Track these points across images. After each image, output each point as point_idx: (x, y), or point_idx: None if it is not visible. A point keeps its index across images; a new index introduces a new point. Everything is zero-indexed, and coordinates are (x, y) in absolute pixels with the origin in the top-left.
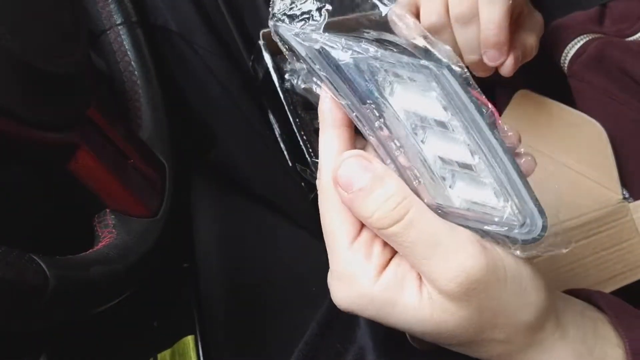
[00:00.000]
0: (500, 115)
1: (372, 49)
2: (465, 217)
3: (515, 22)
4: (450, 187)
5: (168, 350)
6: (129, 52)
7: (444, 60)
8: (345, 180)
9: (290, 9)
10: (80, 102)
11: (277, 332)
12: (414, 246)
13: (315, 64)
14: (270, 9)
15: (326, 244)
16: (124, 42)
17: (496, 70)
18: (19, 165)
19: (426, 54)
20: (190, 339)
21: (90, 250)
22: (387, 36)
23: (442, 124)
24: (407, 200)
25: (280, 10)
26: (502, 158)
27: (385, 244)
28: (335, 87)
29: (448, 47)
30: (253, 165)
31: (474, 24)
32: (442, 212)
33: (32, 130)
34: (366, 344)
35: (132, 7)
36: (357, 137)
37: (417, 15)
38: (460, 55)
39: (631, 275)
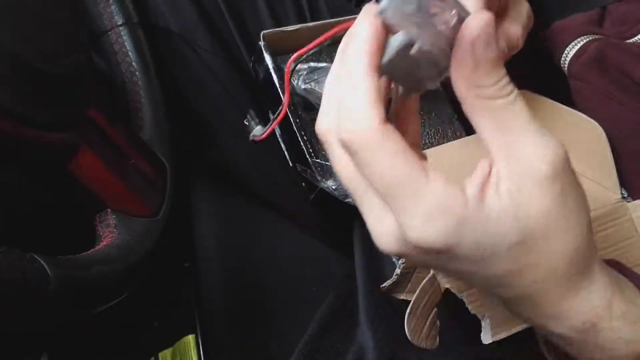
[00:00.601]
0: None
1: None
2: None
3: (498, 14)
4: None
5: (169, 350)
6: (130, 53)
7: None
8: (485, 41)
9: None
10: (80, 103)
11: (277, 332)
12: (516, 121)
13: None
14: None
15: (389, 196)
16: (126, 43)
17: None
18: (19, 165)
19: None
20: (190, 338)
21: (91, 250)
22: None
23: None
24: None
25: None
26: None
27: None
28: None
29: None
30: (253, 165)
31: None
32: None
33: (32, 130)
34: (366, 344)
35: (133, 8)
36: None
37: None
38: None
39: None
